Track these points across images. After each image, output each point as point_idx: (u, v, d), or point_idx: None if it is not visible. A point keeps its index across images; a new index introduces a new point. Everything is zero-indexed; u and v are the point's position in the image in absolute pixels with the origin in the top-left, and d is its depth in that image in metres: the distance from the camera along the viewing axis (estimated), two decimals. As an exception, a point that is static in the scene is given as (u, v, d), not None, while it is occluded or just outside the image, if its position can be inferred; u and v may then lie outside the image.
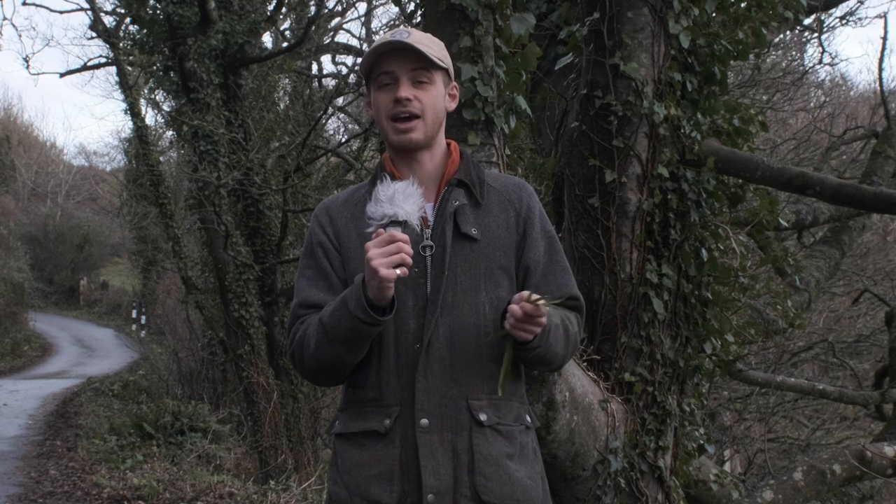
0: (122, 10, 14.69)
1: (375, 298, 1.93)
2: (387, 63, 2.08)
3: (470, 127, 3.09)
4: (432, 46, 2.10)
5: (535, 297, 1.92)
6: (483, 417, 2.03)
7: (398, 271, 1.89)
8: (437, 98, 2.11)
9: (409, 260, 1.90)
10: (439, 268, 2.04)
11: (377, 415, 2.04)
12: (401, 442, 2.01)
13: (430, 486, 1.98)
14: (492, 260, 2.09)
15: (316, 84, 16.50)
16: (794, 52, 11.92)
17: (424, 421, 2.00)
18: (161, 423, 9.54)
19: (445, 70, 2.13)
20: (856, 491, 5.80)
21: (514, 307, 1.94)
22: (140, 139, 15.34)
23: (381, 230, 1.93)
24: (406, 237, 1.92)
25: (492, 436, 2.04)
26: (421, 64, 2.07)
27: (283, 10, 14.39)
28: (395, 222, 1.95)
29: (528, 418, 2.14)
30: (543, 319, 1.94)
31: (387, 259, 1.88)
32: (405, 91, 2.06)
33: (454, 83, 2.20)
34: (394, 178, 2.10)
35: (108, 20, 15.84)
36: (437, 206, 2.09)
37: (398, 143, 2.10)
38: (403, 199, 1.97)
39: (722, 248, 4.11)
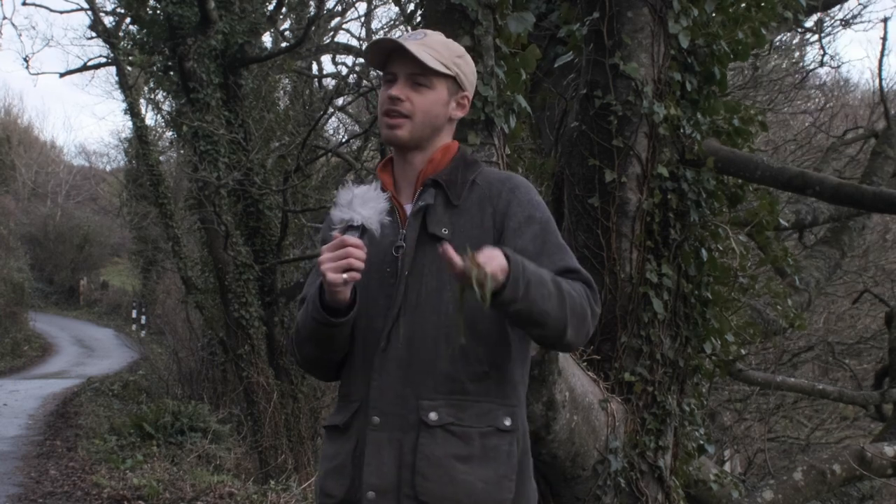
0: (122, 10, 14.70)
1: (329, 301, 1.98)
2: (391, 63, 2.11)
3: (470, 127, 3.09)
4: (441, 52, 2.10)
5: (477, 265, 1.83)
6: (433, 417, 2.01)
7: (345, 276, 1.92)
8: (433, 103, 2.10)
9: (359, 264, 1.93)
10: (404, 268, 2.06)
11: (344, 410, 2.12)
12: (356, 437, 2.06)
13: (369, 484, 2.00)
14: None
15: (316, 84, 16.50)
16: (795, 53, 11.93)
17: (376, 419, 2.03)
18: (161, 423, 9.54)
19: (453, 77, 2.12)
20: (856, 491, 5.80)
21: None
22: (140, 139, 15.35)
23: (338, 234, 1.96)
24: (358, 242, 1.93)
25: (441, 436, 2.01)
26: (418, 70, 2.08)
27: (283, 10, 14.39)
28: (351, 227, 1.97)
29: (507, 421, 2.06)
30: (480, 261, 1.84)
31: (334, 264, 1.92)
32: (398, 90, 2.08)
33: (466, 92, 2.17)
34: (378, 179, 2.14)
35: (108, 20, 15.87)
36: (412, 207, 2.11)
37: (384, 138, 2.14)
38: (361, 203, 1.99)
39: (721, 248, 4.11)
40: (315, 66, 16.89)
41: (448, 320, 2.02)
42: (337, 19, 17.06)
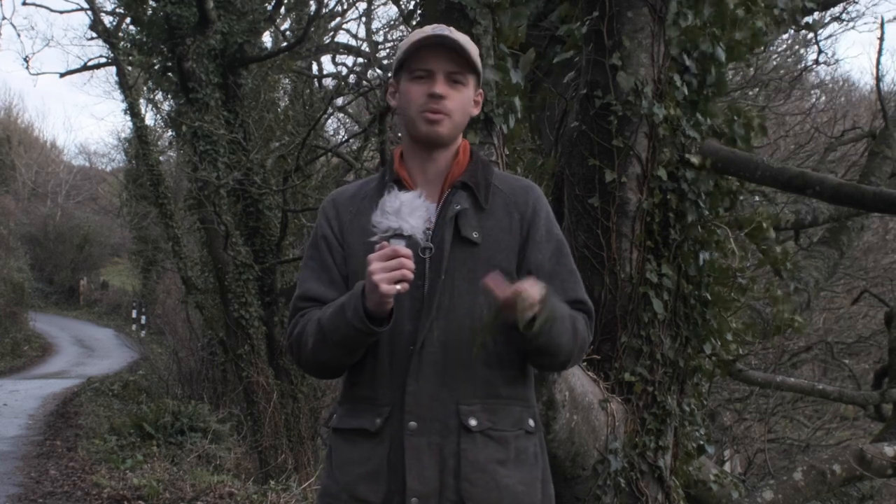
0: (122, 11, 14.69)
1: (374, 310, 1.94)
2: (425, 58, 2.06)
3: (469, 126, 3.09)
4: (470, 49, 2.09)
5: (519, 293, 1.90)
6: (473, 423, 2.02)
7: (398, 287, 1.90)
8: (467, 100, 2.11)
9: (411, 275, 1.91)
10: (436, 271, 2.03)
11: (369, 414, 2.05)
12: (390, 442, 2.02)
13: (413, 490, 1.99)
14: (492, 264, 2.06)
15: (316, 84, 16.48)
16: (796, 49, 11.93)
17: (413, 424, 2.00)
18: (161, 423, 9.54)
19: (478, 75, 2.12)
20: (856, 491, 5.80)
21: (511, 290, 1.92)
22: (140, 139, 15.34)
23: (385, 243, 1.93)
24: (409, 252, 1.92)
25: (482, 441, 2.02)
26: (459, 67, 2.07)
27: (283, 9, 14.37)
28: (399, 236, 1.95)
29: (531, 423, 2.11)
30: (532, 301, 1.91)
31: (388, 274, 1.89)
32: (441, 88, 2.05)
33: (481, 89, 2.19)
34: (400, 179, 2.10)
35: (108, 20, 15.86)
36: (438, 209, 2.08)
37: (426, 134, 2.08)
38: (409, 212, 1.97)
39: (721, 248, 4.10)
40: (315, 67, 16.88)
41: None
42: (337, 19, 17.06)
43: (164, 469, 7.74)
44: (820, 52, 12.78)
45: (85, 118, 68.15)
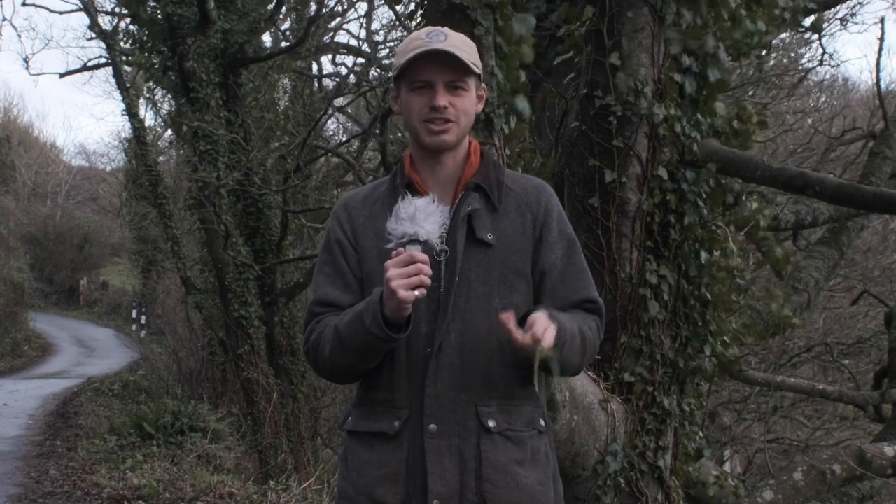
0: (121, 11, 14.68)
1: (392, 316, 1.94)
2: (423, 69, 2.06)
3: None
4: (467, 50, 2.08)
5: (538, 341, 1.91)
6: (491, 424, 2.03)
7: (416, 293, 1.90)
8: (470, 103, 2.11)
9: (428, 281, 1.91)
10: (451, 273, 2.04)
11: (387, 416, 2.06)
12: (408, 445, 2.03)
13: (435, 492, 1.99)
14: (507, 265, 2.07)
15: (316, 84, 16.48)
16: (796, 51, 11.93)
17: (433, 426, 2.01)
18: (161, 423, 9.53)
19: (478, 75, 2.12)
20: (856, 491, 5.80)
21: (520, 337, 1.93)
22: (138, 139, 15.33)
23: (401, 249, 1.94)
24: (425, 257, 1.93)
25: (500, 442, 2.04)
26: (457, 75, 2.06)
27: (283, 9, 14.36)
28: (414, 241, 1.95)
29: (542, 422, 2.12)
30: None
31: (406, 281, 1.89)
32: (442, 99, 2.05)
33: (483, 84, 2.18)
34: (412, 182, 2.11)
35: (108, 20, 15.86)
36: (452, 211, 2.08)
37: (430, 144, 2.09)
38: (424, 217, 1.97)
39: (720, 249, 4.10)
40: (315, 67, 16.87)
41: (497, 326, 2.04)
42: (337, 19, 17.06)
43: (164, 469, 7.74)
44: (824, 52, 12.75)
45: (85, 118, 68.20)
